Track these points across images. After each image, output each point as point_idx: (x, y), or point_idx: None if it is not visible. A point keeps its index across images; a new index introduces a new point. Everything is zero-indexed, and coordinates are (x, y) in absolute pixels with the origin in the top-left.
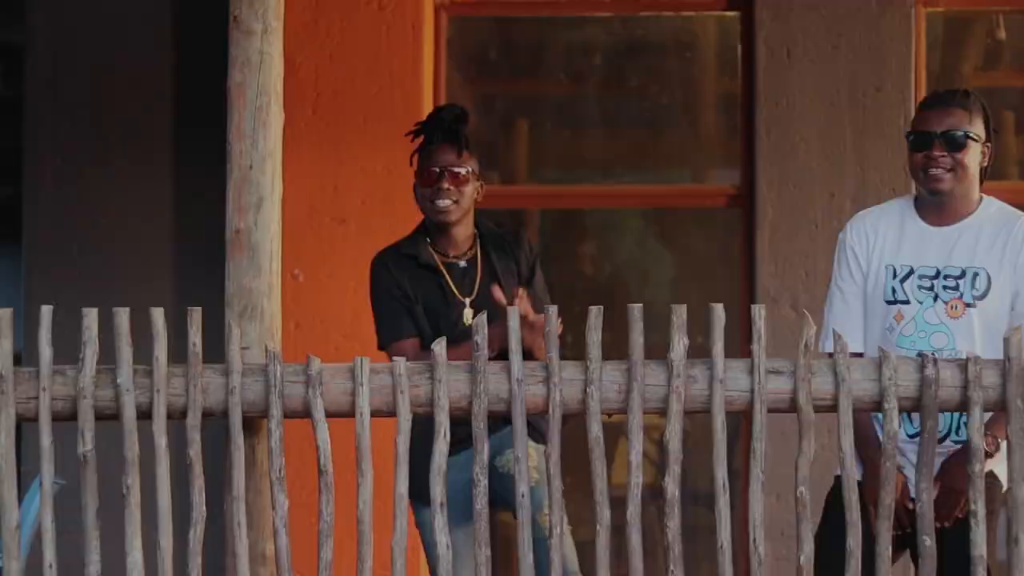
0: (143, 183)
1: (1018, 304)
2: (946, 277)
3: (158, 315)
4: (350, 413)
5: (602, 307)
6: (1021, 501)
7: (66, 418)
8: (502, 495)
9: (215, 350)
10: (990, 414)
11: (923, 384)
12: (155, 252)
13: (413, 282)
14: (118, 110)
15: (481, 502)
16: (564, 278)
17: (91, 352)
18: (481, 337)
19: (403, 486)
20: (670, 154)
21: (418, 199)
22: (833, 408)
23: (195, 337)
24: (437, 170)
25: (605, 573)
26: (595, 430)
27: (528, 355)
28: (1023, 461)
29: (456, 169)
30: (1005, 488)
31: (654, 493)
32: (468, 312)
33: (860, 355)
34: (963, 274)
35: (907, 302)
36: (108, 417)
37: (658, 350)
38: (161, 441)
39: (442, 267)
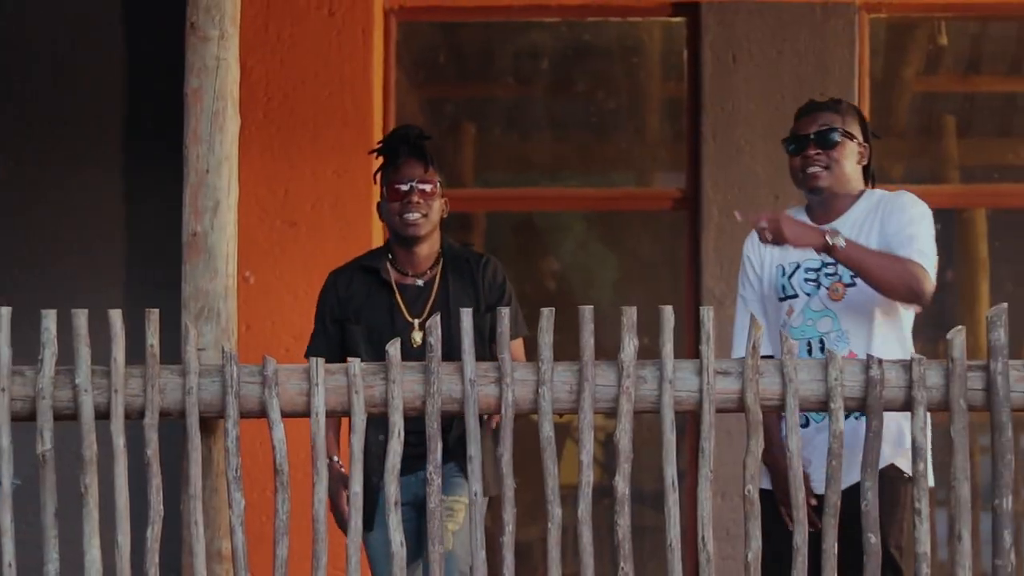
0: (98, 186)
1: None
2: (827, 264)
3: (116, 317)
4: (305, 413)
5: (554, 309)
6: (964, 500)
7: (25, 418)
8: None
9: (172, 351)
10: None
11: (868, 384)
12: (110, 254)
13: (362, 298)
14: (72, 113)
15: (435, 500)
16: (511, 281)
17: (50, 353)
18: (435, 338)
19: (357, 484)
20: (616, 157)
21: (384, 216)
22: (780, 408)
23: (153, 338)
24: (406, 186)
25: (556, 570)
26: (547, 430)
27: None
28: (965, 460)
29: (424, 184)
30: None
31: (600, 493)
32: (416, 335)
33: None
34: None
35: (795, 296)
36: (66, 417)
37: (604, 351)
38: (119, 441)
39: (396, 286)
